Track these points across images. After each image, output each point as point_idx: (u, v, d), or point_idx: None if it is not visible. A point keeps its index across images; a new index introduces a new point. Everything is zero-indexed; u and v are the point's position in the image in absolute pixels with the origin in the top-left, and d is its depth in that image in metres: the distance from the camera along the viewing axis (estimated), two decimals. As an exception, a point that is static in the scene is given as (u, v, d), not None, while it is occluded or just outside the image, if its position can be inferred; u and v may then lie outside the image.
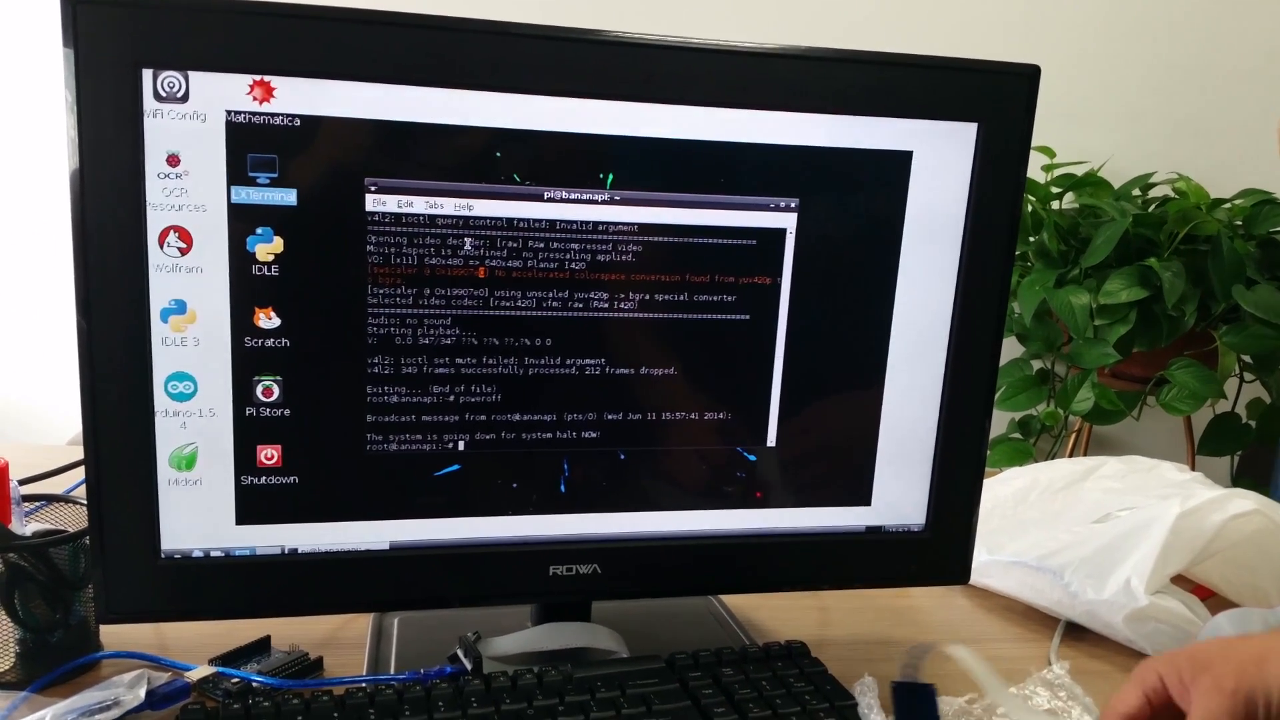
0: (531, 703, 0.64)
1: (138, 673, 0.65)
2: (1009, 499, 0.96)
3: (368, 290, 0.64)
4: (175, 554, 0.64)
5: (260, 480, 0.65)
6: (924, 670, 0.65)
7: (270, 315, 0.63)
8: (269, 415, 0.64)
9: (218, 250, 0.61)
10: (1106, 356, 2.03)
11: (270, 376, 0.64)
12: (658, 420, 0.71)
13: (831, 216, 0.71)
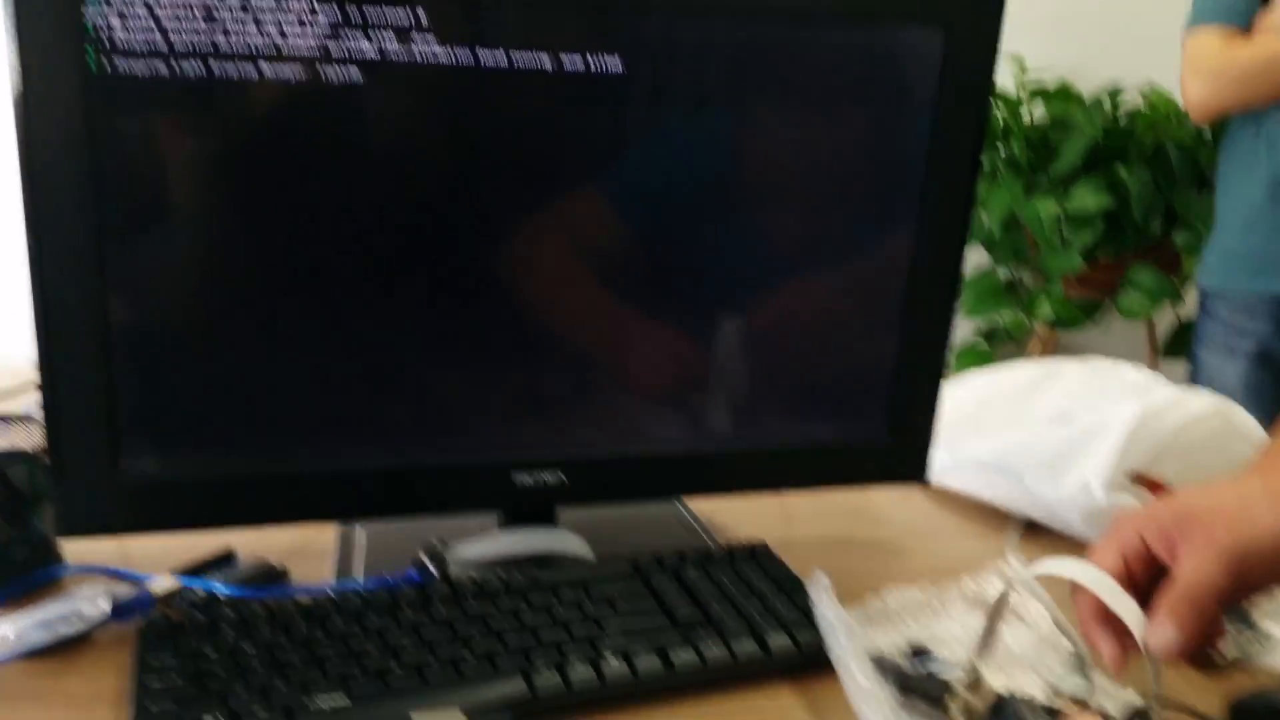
0: (497, 605, 0.65)
1: (100, 586, 0.65)
2: (970, 401, 0.97)
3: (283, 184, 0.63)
4: (135, 467, 0.64)
5: (214, 398, 0.64)
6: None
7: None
8: (215, 332, 0.63)
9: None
10: (1072, 265, 2.04)
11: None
12: (622, 327, 0.71)
13: (792, 123, 0.70)
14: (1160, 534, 0.56)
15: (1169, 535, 0.56)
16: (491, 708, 0.56)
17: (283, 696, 0.56)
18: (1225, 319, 1.63)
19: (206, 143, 0.61)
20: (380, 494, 0.69)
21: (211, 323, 0.64)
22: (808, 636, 0.64)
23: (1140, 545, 0.57)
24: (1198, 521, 0.55)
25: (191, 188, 0.61)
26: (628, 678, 0.60)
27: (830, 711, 0.61)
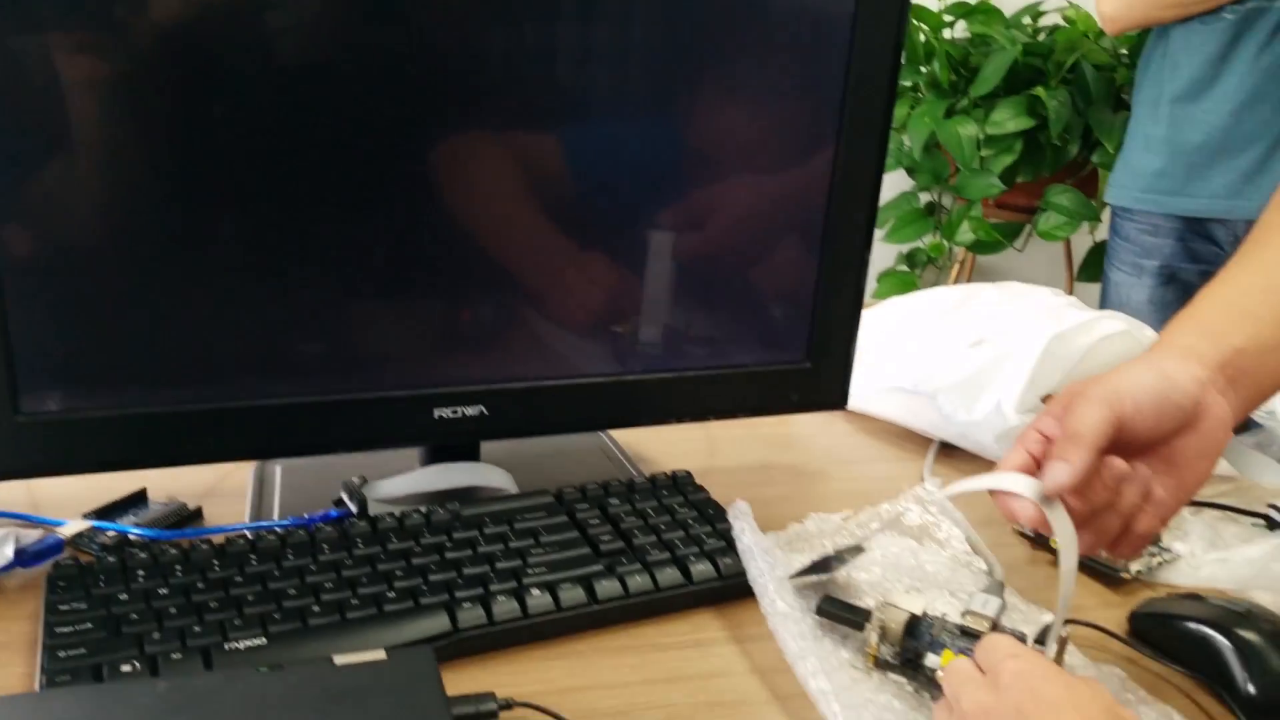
0: (419, 541, 0.64)
1: (5, 531, 0.63)
2: (888, 327, 0.98)
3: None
4: (36, 408, 0.61)
5: (117, 334, 0.62)
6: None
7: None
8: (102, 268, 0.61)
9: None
10: (991, 187, 2.06)
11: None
12: (544, 257, 0.70)
13: (708, 46, 0.69)
14: (1054, 421, 0.59)
15: (1058, 416, 0.58)
16: (414, 645, 0.56)
17: (199, 638, 0.55)
18: (1133, 238, 1.67)
19: (102, 60, 0.57)
20: (296, 431, 0.67)
21: (112, 254, 0.61)
22: (730, 563, 0.65)
23: (1039, 437, 0.59)
24: (1080, 392, 0.58)
25: (86, 109, 0.58)
26: (551, 610, 0.61)
27: (751, 636, 0.62)
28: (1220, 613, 0.61)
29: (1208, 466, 0.60)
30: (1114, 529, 0.59)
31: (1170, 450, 0.59)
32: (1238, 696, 0.57)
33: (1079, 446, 0.55)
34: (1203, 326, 0.62)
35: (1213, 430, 0.59)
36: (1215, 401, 0.59)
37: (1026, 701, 0.46)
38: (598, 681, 0.57)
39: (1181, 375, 0.58)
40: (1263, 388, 0.61)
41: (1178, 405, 0.57)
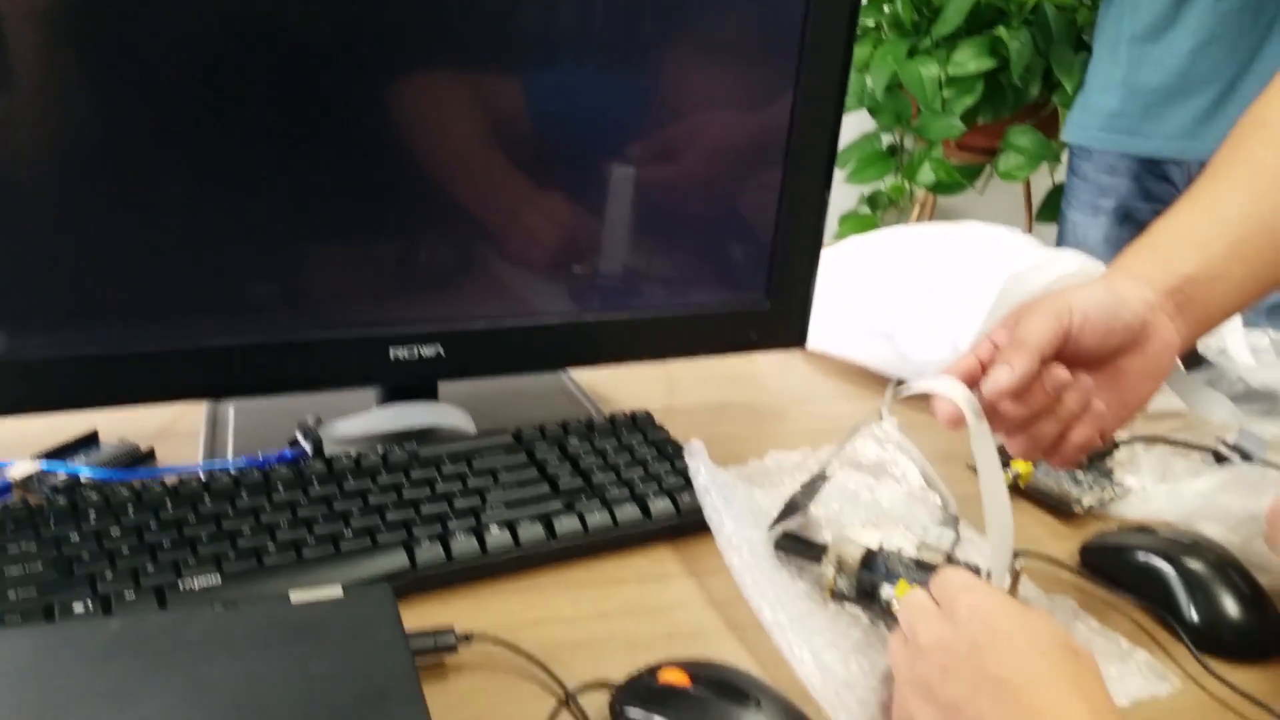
0: (376, 481, 0.64)
1: (-49, 473, 0.62)
2: (847, 267, 0.98)
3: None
4: (-23, 349, 0.60)
5: (66, 271, 0.60)
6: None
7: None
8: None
9: None
10: (952, 128, 2.06)
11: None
12: (503, 194, 0.69)
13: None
14: (1006, 331, 0.60)
15: (1011, 327, 0.60)
16: (372, 582, 0.56)
17: (153, 578, 0.54)
18: (1090, 178, 1.68)
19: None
20: (249, 371, 0.66)
21: (55, 191, 0.59)
22: (688, 500, 0.65)
23: (991, 346, 0.60)
24: (1032, 305, 0.59)
25: (24, 40, 0.56)
26: (510, 547, 0.61)
27: (708, 570, 0.62)
28: (1168, 544, 0.63)
29: (1151, 387, 0.61)
30: (1050, 435, 0.60)
31: (1116, 369, 0.60)
32: (1183, 623, 0.59)
33: (1022, 352, 0.57)
34: (1154, 254, 0.63)
35: (1159, 352, 0.60)
36: (1163, 325, 0.60)
37: (981, 633, 0.46)
38: (557, 615, 0.58)
39: (1131, 295, 0.59)
40: (1210, 316, 0.62)
41: (1125, 323, 0.59)
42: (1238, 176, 0.65)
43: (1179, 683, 0.55)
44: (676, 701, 0.47)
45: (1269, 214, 0.63)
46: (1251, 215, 0.63)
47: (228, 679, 0.44)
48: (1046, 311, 0.58)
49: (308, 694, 0.44)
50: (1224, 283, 0.61)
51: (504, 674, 0.52)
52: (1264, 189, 0.64)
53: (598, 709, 0.50)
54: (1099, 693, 0.45)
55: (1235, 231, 0.62)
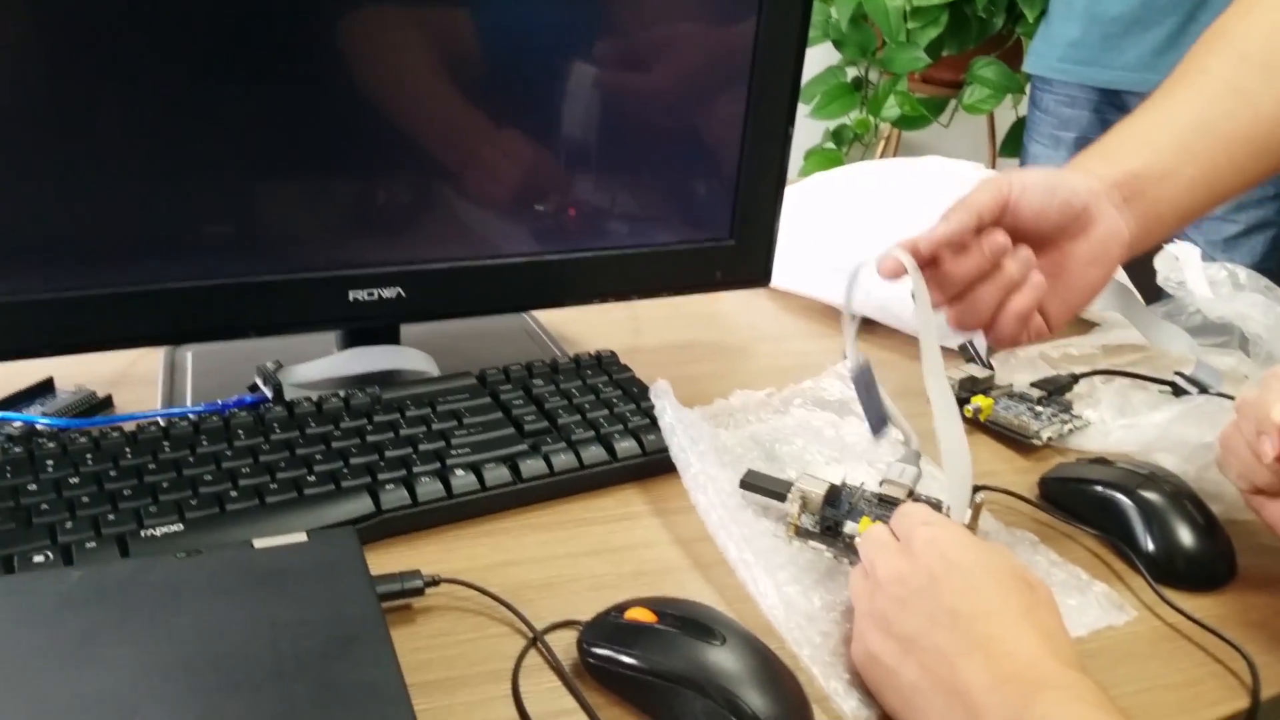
0: (338, 425, 0.63)
1: (-99, 424, 0.61)
2: (811, 203, 0.98)
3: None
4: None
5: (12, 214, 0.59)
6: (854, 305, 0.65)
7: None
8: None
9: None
10: (917, 61, 2.04)
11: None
12: (463, 130, 0.67)
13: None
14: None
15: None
16: (336, 527, 0.55)
17: (113, 526, 0.54)
18: (1051, 110, 1.68)
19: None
20: (205, 315, 0.65)
21: (1, 130, 0.57)
22: (653, 439, 0.65)
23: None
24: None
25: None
26: (476, 489, 0.60)
27: (674, 509, 0.63)
28: (1125, 475, 0.64)
29: (1098, 275, 0.62)
30: (990, 302, 0.60)
31: (1061, 255, 0.61)
32: (1140, 553, 0.60)
33: (960, 210, 0.58)
34: (1102, 152, 0.64)
35: (1104, 239, 0.61)
36: (1109, 213, 0.61)
37: (938, 566, 0.47)
38: (524, 556, 0.58)
39: (1075, 179, 0.60)
40: (1160, 215, 0.63)
41: (1065, 199, 0.59)
42: (1190, 84, 0.66)
43: (1135, 612, 0.56)
44: (643, 638, 0.48)
45: (1220, 118, 0.63)
46: (1202, 118, 0.64)
47: (192, 627, 0.44)
48: (987, 183, 0.60)
49: (273, 641, 0.44)
50: (1173, 181, 0.62)
51: (471, 616, 0.52)
52: (1215, 94, 0.64)
53: (565, 648, 0.50)
54: (1052, 623, 0.46)
55: (1184, 133, 0.63)
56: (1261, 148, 0.64)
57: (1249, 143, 0.64)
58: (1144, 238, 0.63)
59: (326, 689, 0.41)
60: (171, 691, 0.41)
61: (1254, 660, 0.52)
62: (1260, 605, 0.58)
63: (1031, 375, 0.81)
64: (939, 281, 0.60)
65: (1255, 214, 1.61)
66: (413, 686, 0.42)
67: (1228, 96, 0.64)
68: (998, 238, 0.58)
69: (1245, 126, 0.64)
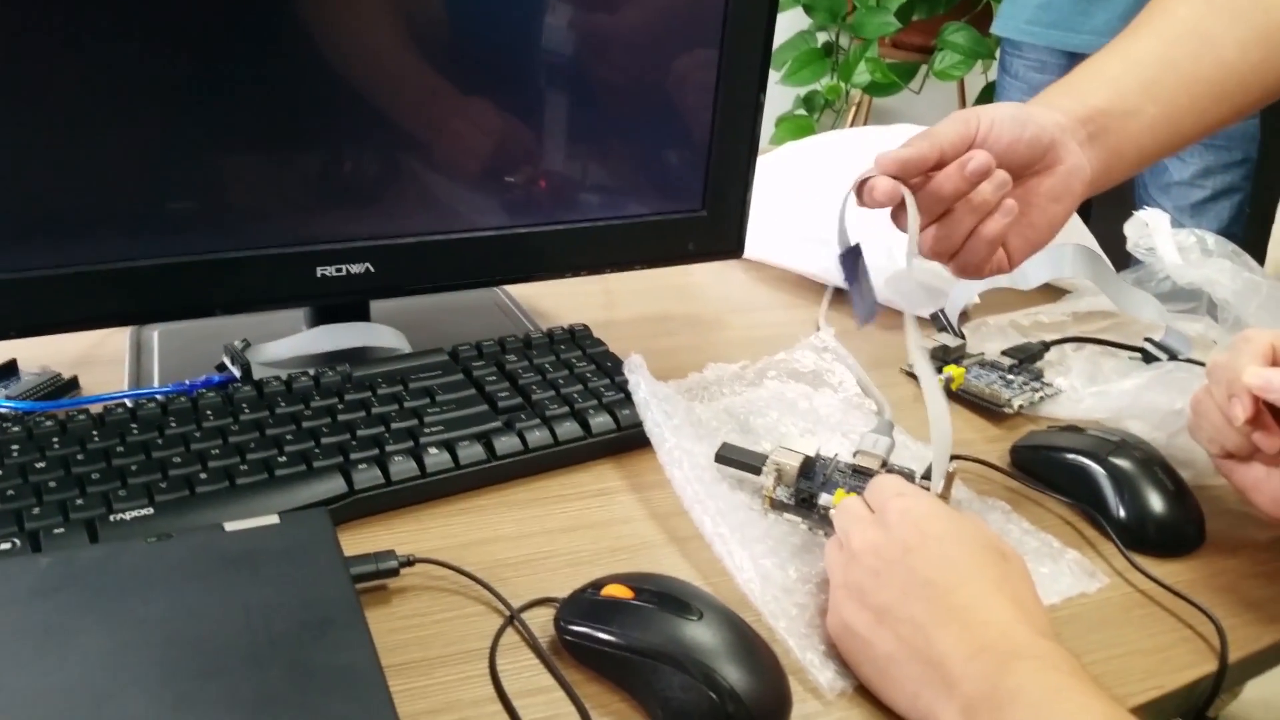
0: (309, 404, 0.63)
1: None
2: (783, 173, 0.97)
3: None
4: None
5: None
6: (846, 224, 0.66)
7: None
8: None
9: None
10: (887, 25, 2.03)
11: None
12: (432, 101, 0.66)
13: None
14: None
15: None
16: (308, 508, 0.55)
17: (82, 511, 0.53)
18: (1021, 76, 1.68)
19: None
20: (170, 293, 0.63)
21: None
22: (628, 414, 0.65)
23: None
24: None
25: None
26: (450, 468, 0.60)
27: (650, 484, 0.63)
28: (1096, 443, 0.64)
29: (1061, 211, 0.62)
30: (965, 226, 0.60)
31: (1025, 189, 0.61)
32: (1111, 520, 0.61)
33: (923, 140, 0.59)
34: (1067, 89, 0.64)
35: (1068, 175, 0.61)
36: (1073, 150, 0.61)
37: (912, 537, 0.47)
38: (500, 534, 0.58)
39: (1042, 115, 0.61)
40: (1123, 152, 0.63)
41: (1033, 135, 0.60)
42: (1155, 26, 0.66)
43: (1107, 579, 0.57)
44: (619, 614, 0.48)
45: (1183, 59, 0.64)
46: (1164, 58, 0.64)
47: (164, 613, 0.44)
48: (954, 117, 0.60)
49: (247, 625, 0.43)
50: (1136, 119, 0.63)
51: (448, 596, 0.52)
52: (1178, 35, 0.65)
53: (542, 626, 0.50)
54: (1026, 592, 0.47)
55: (1148, 72, 0.63)
56: (1222, 91, 0.65)
57: (1210, 84, 0.64)
58: (1105, 175, 0.63)
59: (302, 673, 0.41)
60: (144, 679, 0.40)
61: (1222, 624, 0.53)
62: (1228, 570, 0.59)
63: (1002, 343, 0.81)
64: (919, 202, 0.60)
65: (1223, 179, 1.63)
66: (389, 668, 0.42)
67: (1191, 38, 0.64)
68: (978, 160, 0.58)
69: (1207, 68, 0.64)
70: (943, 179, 0.58)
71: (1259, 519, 0.62)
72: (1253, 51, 0.64)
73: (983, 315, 0.88)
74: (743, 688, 0.44)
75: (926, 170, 0.59)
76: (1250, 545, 0.61)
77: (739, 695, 0.44)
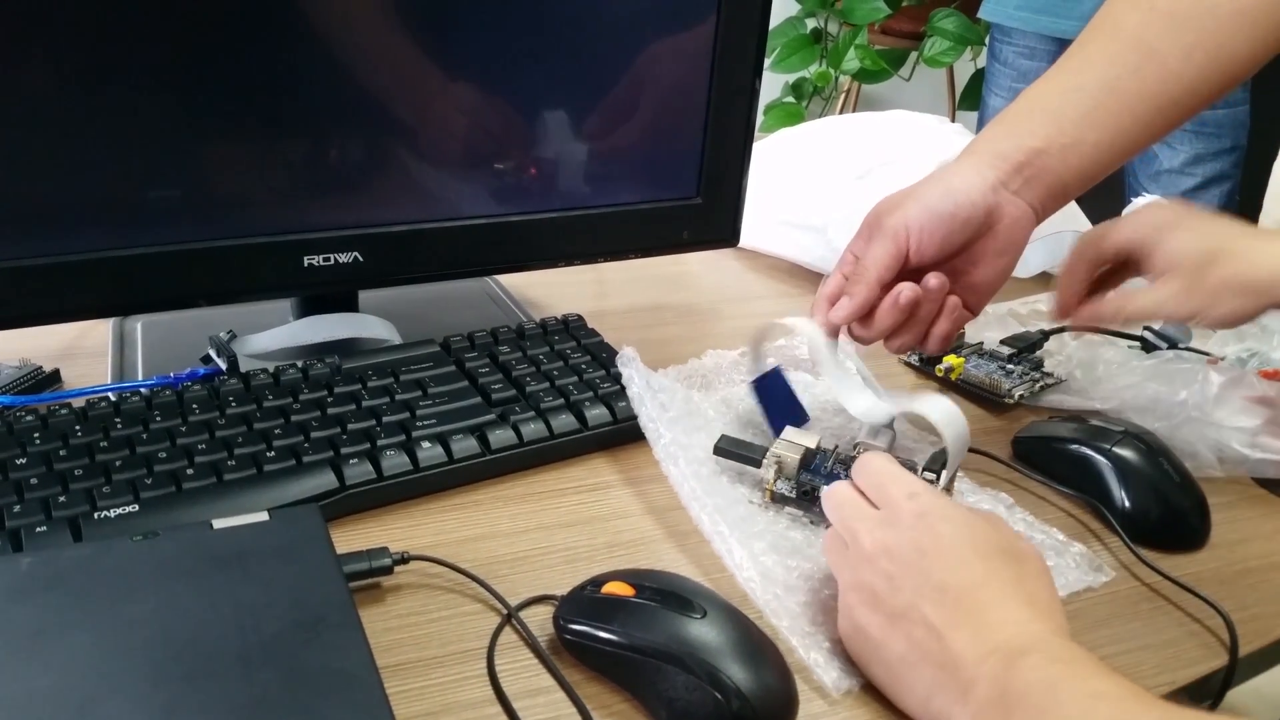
0: (297, 397, 0.61)
1: None
2: (776, 161, 0.96)
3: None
4: None
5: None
6: (764, 353, 0.67)
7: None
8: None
9: None
10: (876, 12, 2.02)
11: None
12: (421, 87, 0.65)
13: None
14: (863, 243, 0.63)
15: (866, 239, 0.63)
16: (299, 504, 0.53)
17: (65, 509, 0.51)
18: (1010, 62, 1.67)
19: None
20: (153, 284, 0.62)
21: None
22: (624, 406, 0.64)
23: (851, 259, 0.63)
24: (876, 222, 0.63)
25: None
26: (444, 462, 0.59)
27: (646, 478, 0.61)
28: (1099, 433, 0.64)
29: (1007, 263, 0.64)
30: (917, 335, 0.63)
31: (969, 254, 0.63)
32: (1114, 510, 0.60)
33: (860, 284, 0.61)
34: (1006, 128, 0.64)
35: (1009, 230, 0.62)
36: (1009, 202, 0.62)
37: (926, 540, 0.46)
38: (495, 530, 0.56)
39: (971, 187, 0.61)
40: (1065, 184, 0.63)
41: (965, 220, 0.61)
42: (1100, 41, 0.66)
43: (1113, 573, 0.56)
44: (621, 613, 0.47)
45: (1125, 76, 0.63)
46: (1105, 80, 0.63)
47: (151, 614, 0.42)
48: (885, 236, 0.61)
49: (237, 626, 0.42)
50: (1076, 151, 0.63)
51: (443, 594, 0.51)
52: (1120, 51, 0.64)
53: (541, 625, 0.49)
54: (1040, 591, 0.46)
55: (1088, 100, 0.63)
56: (1168, 103, 0.64)
57: (1155, 99, 0.63)
58: (1051, 207, 0.64)
59: (294, 675, 0.40)
60: (132, 682, 0.39)
61: (1231, 618, 0.52)
62: (1235, 562, 0.58)
63: (1001, 332, 0.81)
64: (873, 334, 0.63)
65: (1212, 167, 1.62)
66: (384, 669, 0.41)
67: (1134, 51, 0.64)
68: (906, 294, 0.60)
69: (1151, 84, 0.63)
70: (883, 315, 0.61)
71: (1264, 512, 0.62)
72: (1197, 56, 0.63)
73: (980, 304, 0.87)
74: (749, 687, 0.43)
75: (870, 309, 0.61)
76: (1256, 537, 0.60)
77: (745, 695, 0.43)
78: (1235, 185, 1.64)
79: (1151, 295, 0.63)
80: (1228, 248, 0.61)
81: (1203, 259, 0.61)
